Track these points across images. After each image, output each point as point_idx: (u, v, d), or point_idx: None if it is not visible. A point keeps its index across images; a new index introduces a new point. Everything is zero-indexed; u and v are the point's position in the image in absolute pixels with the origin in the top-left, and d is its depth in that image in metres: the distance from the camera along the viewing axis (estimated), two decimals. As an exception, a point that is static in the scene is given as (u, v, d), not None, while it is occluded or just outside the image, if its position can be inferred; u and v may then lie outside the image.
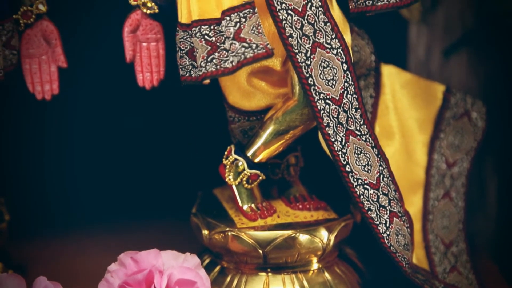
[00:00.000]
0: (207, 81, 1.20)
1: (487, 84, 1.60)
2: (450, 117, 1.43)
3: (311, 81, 1.20)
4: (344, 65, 1.22)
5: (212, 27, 1.19)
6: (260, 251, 1.27)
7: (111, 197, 1.61)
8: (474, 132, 1.44)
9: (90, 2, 1.51)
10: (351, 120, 1.23)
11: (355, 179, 1.23)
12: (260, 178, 1.30)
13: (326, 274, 1.30)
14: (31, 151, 1.60)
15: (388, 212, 1.24)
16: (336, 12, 1.25)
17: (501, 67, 1.58)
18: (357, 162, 1.23)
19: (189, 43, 1.22)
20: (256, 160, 1.29)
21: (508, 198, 1.62)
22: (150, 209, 1.60)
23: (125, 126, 1.60)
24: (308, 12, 1.20)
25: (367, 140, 1.24)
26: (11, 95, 1.48)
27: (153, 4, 1.28)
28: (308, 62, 1.20)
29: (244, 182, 1.30)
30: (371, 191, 1.23)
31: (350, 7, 1.25)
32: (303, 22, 1.19)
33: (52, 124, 1.58)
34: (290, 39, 1.19)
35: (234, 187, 1.31)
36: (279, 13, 1.18)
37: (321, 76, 1.20)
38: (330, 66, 1.21)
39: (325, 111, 1.21)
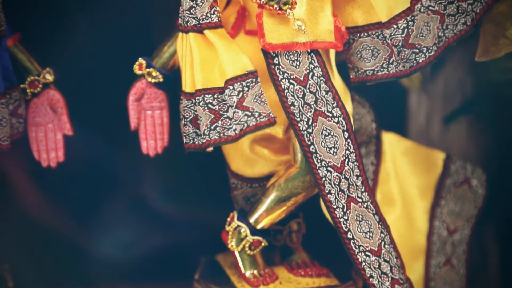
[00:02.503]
0: (210, 149, 1.21)
1: (487, 152, 1.60)
2: (450, 184, 1.43)
3: (312, 148, 1.21)
4: (345, 133, 1.23)
5: (215, 96, 1.20)
6: (263, 318, 1.27)
7: (113, 262, 1.60)
8: (475, 199, 1.44)
9: (96, 72, 1.53)
10: (353, 187, 1.23)
11: (356, 246, 1.23)
12: (263, 244, 1.30)
13: None
14: (35, 215, 1.60)
15: (389, 279, 1.24)
16: (337, 81, 1.27)
17: (501, 136, 1.59)
18: (359, 229, 1.23)
19: (193, 111, 1.23)
20: (259, 226, 1.29)
21: (510, 266, 1.61)
22: (152, 275, 1.60)
23: (129, 191, 1.61)
24: (309, 81, 1.21)
25: (369, 207, 1.24)
26: (17, 162, 1.49)
27: (158, 73, 1.30)
28: (310, 130, 1.21)
29: (247, 249, 1.30)
30: (373, 258, 1.23)
31: (351, 76, 1.27)
32: (305, 91, 1.21)
33: (56, 191, 1.59)
34: (292, 107, 1.20)
35: (236, 253, 1.31)
36: (281, 82, 1.20)
37: (323, 144, 1.21)
38: (332, 134, 1.22)
39: (327, 179, 1.21)
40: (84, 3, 1.51)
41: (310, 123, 1.21)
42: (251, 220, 1.29)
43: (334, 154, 1.22)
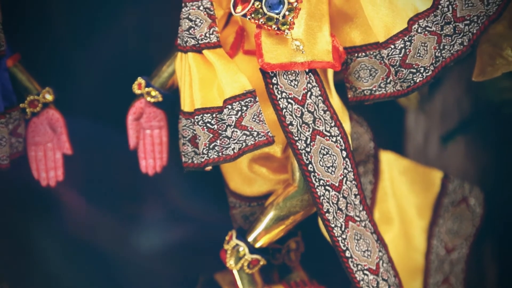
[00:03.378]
0: (209, 168, 1.22)
1: (485, 171, 1.60)
2: (448, 203, 1.43)
3: (311, 167, 1.21)
4: (343, 152, 1.23)
5: (214, 115, 1.20)
6: (261, 337, 1.27)
7: (111, 278, 1.60)
8: (473, 218, 1.44)
9: (95, 91, 1.53)
10: (351, 206, 1.24)
11: (355, 265, 1.23)
12: (261, 263, 1.30)
13: None
14: (36, 235, 1.60)
15: (388, 297, 1.24)
16: (335, 100, 1.27)
17: (498, 155, 1.59)
18: (357, 248, 1.23)
19: (191, 130, 1.23)
20: (257, 245, 1.29)
21: (508, 285, 1.61)
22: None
23: (128, 210, 1.61)
24: (308, 101, 1.22)
25: (367, 226, 1.25)
26: (16, 181, 1.49)
27: (157, 92, 1.30)
28: (308, 149, 1.21)
29: (245, 267, 1.30)
30: (371, 277, 1.23)
31: (349, 96, 1.27)
32: (303, 111, 1.21)
33: (54, 209, 1.59)
34: (290, 127, 1.20)
35: (235, 272, 1.31)
36: (279, 102, 1.20)
37: (321, 163, 1.22)
38: (330, 153, 1.23)
39: (325, 197, 1.22)
40: (83, 23, 1.51)
41: (308, 142, 1.21)
42: (250, 239, 1.29)
43: (332, 173, 1.22)
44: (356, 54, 1.25)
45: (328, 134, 1.22)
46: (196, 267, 1.48)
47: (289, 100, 1.21)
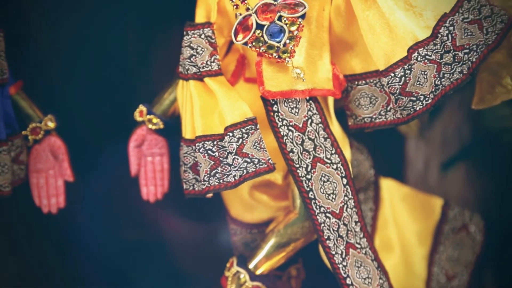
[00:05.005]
0: (210, 195, 1.22)
1: (485, 198, 1.61)
2: (449, 230, 1.43)
3: (311, 195, 1.21)
4: (344, 179, 1.24)
5: (215, 143, 1.21)
6: None
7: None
8: (473, 246, 1.44)
9: (97, 118, 1.53)
10: (351, 233, 1.24)
11: (355, 292, 1.23)
12: (262, 290, 1.30)
13: None
14: (38, 261, 1.60)
15: (389, 325, 1.24)
16: (335, 127, 1.28)
17: (498, 182, 1.60)
18: (358, 275, 1.23)
19: (193, 157, 1.24)
20: (258, 272, 1.29)
21: (509, 311, 1.61)
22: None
23: (129, 236, 1.60)
24: (308, 128, 1.22)
25: (367, 253, 1.25)
26: (18, 208, 1.49)
27: (158, 120, 1.31)
28: (309, 177, 1.22)
29: (246, 294, 1.30)
30: (372, 304, 1.23)
31: (349, 123, 1.27)
32: (304, 138, 1.22)
33: (57, 236, 1.59)
34: (291, 154, 1.21)
35: (236, 299, 1.31)
36: (280, 129, 1.21)
37: (322, 190, 1.22)
38: (330, 180, 1.23)
39: (326, 225, 1.22)
40: (86, 51, 1.52)
41: (309, 169, 1.21)
42: (251, 266, 1.29)
43: (333, 200, 1.23)
44: (356, 82, 1.26)
45: (329, 162, 1.23)
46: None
47: (290, 127, 1.21)
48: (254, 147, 1.19)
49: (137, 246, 1.60)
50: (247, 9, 1.21)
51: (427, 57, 1.17)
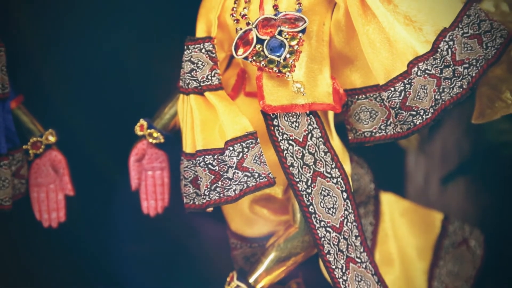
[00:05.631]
0: (210, 209, 1.22)
1: (485, 212, 1.60)
2: (449, 245, 1.43)
3: (312, 209, 1.21)
4: (344, 193, 1.24)
5: (215, 157, 1.21)
6: None
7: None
8: (473, 260, 1.44)
9: (98, 133, 1.53)
10: (351, 247, 1.24)
11: (356, 306, 1.23)
12: (262, 304, 1.30)
13: None
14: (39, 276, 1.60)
15: None
16: (336, 142, 1.28)
17: (498, 196, 1.59)
18: (358, 289, 1.23)
19: (193, 171, 1.24)
20: (258, 286, 1.29)
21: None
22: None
23: (130, 250, 1.60)
24: (308, 142, 1.22)
25: (367, 267, 1.25)
26: (18, 222, 1.49)
27: (159, 134, 1.31)
28: (309, 191, 1.22)
29: (246, 309, 1.30)
30: (372, 318, 1.23)
31: (349, 137, 1.27)
32: (304, 152, 1.22)
33: (58, 250, 1.58)
34: (291, 168, 1.21)
35: (236, 313, 1.31)
36: (280, 143, 1.21)
37: (322, 204, 1.22)
38: (331, 194, 1.23)
39: (326, 239, 1.22)
40: (86, 66, 1.53)
41: (309, 183, 1.22)
42: (251, 280, 1.29)
43: (333, 214, 1.23)
44: (356, 96, 1.26)
45: (329, 176, 1.23)
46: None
47: (290, 141, 1.21)
48: (255, 161, 1.19)
49: (136, 259, 1.60)
50: (248, 24, 1.21)
51: (427, 71, 1.17)
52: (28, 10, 1.51)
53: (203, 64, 1.24)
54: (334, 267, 1.22)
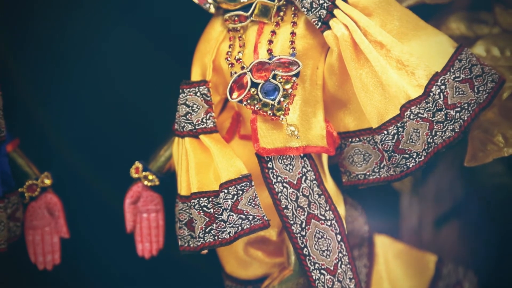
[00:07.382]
0: (205, 251, 1.22)
1: (478, 254, 1.60)
2: (443, 287, 1.43)
3: (306, 251, 1.22)
4: (338, 236, 1.24)
5: (210, 199, 1.21)
6: None
7: None
8: (467, 302, 1.44)
9: (93, 175, 1.54)
10: (346, 290, 1.24)
11: None
12: None
13: None
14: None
15: None
16: (329, 184, 1.28)
17: (491, 238, 1.60)
18: (352, 332, 1.23)
19: (188, 214, 1.24)
20: (253, 328, 1.30)
21: None
22: None
23: (128, 275, 1.59)
24: (303, 185, 1.23)
25: (362, 309, 1.25)
26: (13, 265, 1.49)
27: (154, 176, 1.32)
28: (303, 233, 1.22)
29: None
30: None
31: (343, 180, 1.28)
32: (298, 195, 1.22)
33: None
34: (285, 210, 1.21)
35: None
36: (275, 186, 1.21)
37: (316, 246, 1.22)
38: (325, 237, 1.23)
39: (320, 281, 1.22)
40: (81, 108, 1.53)
41: (303, 226, 1.22)
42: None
43: (327, 256, 1.23)
44: (350, 139, 1.27)
45: (323, 218, 1.23)
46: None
47: (284, 184, 1.22)
48: (249, 203, 1.20)
49: (137, 282, 1.60)
50: (242, 68, 1.22)
51: (419, 115, 1.18)
52: (24, 53, 1.52)
53: (198, 107, 1.24)
54: (328, 309, 1.22)
